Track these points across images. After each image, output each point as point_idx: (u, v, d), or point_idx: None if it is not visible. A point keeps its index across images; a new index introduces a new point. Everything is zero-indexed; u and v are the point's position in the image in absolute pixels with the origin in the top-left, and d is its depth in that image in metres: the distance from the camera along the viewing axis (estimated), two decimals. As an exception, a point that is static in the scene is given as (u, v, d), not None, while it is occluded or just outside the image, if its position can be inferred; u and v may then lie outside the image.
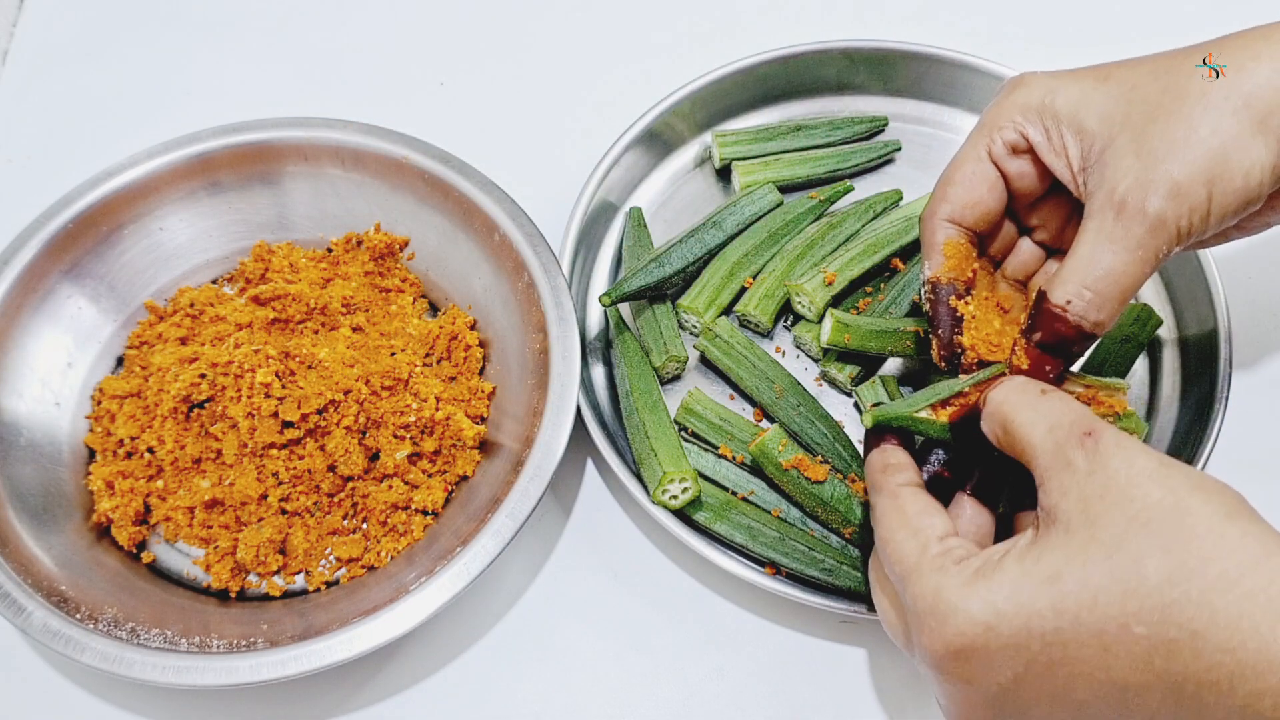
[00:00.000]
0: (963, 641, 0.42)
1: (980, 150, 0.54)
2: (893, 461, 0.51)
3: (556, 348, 0.62)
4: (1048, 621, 0.40)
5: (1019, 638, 0.41)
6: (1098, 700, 0.40)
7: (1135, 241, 0.48)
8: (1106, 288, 0.48)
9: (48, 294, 0.66)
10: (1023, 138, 0.53)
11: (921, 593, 0.44)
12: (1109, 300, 0.49)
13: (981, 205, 0.54)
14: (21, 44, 0.87)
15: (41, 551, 0.59)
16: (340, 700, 0.60)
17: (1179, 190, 0.47)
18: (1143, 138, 0.48)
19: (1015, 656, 0.41)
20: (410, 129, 0.70)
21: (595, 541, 0.65)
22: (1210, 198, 0.47)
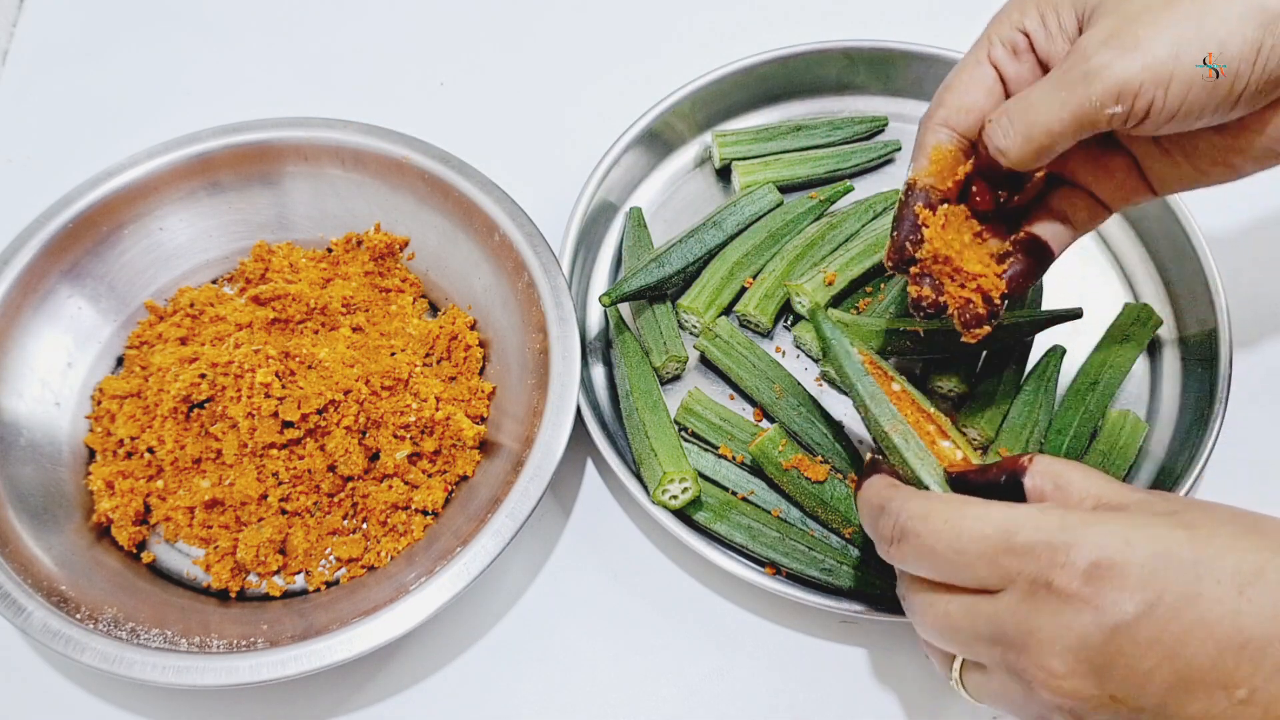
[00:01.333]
0: (1101, 555, 0.40)
1: (980, 54, 0.53)
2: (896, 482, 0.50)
3: (556, 348, 0.62)
4: (1185, 551, 0.39)
5: (1157, 558, 0.39)
6: (1212, 656, 0.38)
7: (1068, 81, 0.47)
8: (1021, 119, 0.48)
9: (48, 294, 0.66)
10: (1021, 34, 0.52)
11: (1045, 525, 0.42)
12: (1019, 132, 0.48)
13: (977, 109, 0.53)
14: (21, 44, 0.87)
15: (41, 551, 0.59)
16: (340, 700, 0.60)
17: (1139, 45, 0.46)
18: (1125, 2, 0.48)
19: (1150, 577, 0.39)
20: (410, 129, 0.70)
21: (595, 541, 0.65)
22: (1174, 59, 0.46)
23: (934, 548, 0.44)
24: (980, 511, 0.44)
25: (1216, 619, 0.38)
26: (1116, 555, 0.40)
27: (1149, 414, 0.68)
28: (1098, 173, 0.56)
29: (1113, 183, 0.56)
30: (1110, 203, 0.56)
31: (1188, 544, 0.39)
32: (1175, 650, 0.39)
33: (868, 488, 0.50)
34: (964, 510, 0.44)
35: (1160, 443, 0.66)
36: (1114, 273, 0.74)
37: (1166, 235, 0.72)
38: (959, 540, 0.43)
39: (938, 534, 0.44)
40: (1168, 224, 0.71)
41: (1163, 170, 0.55)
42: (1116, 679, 0.40)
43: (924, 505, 0.46)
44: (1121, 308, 0.70)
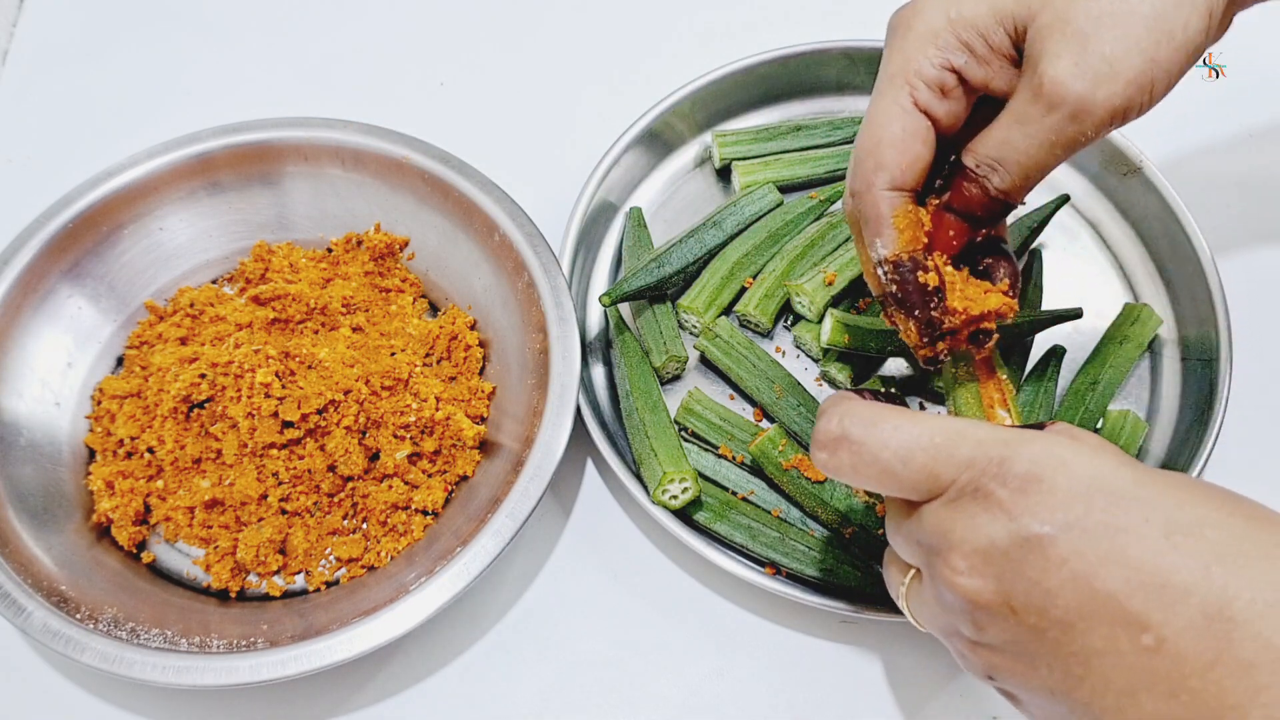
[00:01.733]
0: (1034, 468, 0.39)
1: (904, 102, 0.49)
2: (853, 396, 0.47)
3: (556, 348, 0.62)
4: (1125, 487, 0.38)
5: (1091, 484, 0.38)
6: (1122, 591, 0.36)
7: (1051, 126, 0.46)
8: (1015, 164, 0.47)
9: (48, 294, 0.66)
10: (949, 71, 0.49)
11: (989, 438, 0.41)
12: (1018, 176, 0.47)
13: (920, 162, 0.50)
14: (21, 44, 0.87)
15: (41, 551, 0.59)
16: (340, 700, 0.60)
17: (1113, 70, 0.44)
18: (1067, 12, 0.45)
19: (1077, 502, 0.38)
20: (410, 129, 0.70)
21: (595, 541, 0.65)
22: (1152, 66, 0.44)
23: (878, 455, 0.42)
24: (929, 421, 0.42)
25: (1137, 554, 0.36)
26: (1049, 472, 0.39)
27: (1149, 414, 0.68)
28: None
29: None
30: None
31: (1130, 481, 0.38)
32: (1085, 575, 0.37)
33: (827, 400, 0.47)
34: (914, 418, 0.43)
35: (1160, 443, 0.66)
36: (1114, 273, 0.74)
37: (1166, 235, 0.72)
38: (905, 448, 0.42)
39: (884, 440, 0.42)
40: (1168, 224, 0.71)
41: None
42: (1019, 591, 0.39)
43: (872, 411, 0.43)
44: (1121, 308, 0.70)
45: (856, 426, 0.43)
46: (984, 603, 0.40)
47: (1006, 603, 0.39)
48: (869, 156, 0.50)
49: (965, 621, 0.41)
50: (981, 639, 0.41)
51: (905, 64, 0.49)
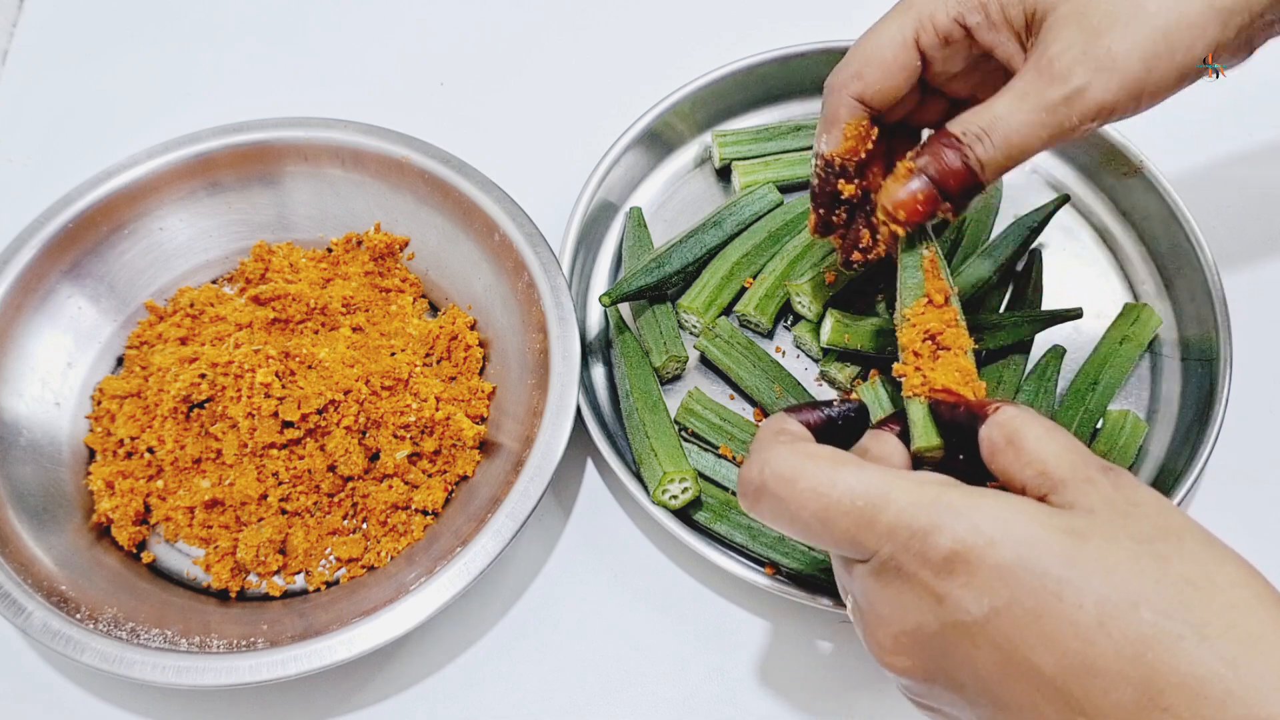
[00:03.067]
0: (959, 548, 0.37)
1: (908, 34, 0.51)
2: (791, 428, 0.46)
3: (556, 348, 0.62)
4: (1055, 567, 0.36)
5: (1019, 566, 0.37)
6: (1056, 676, 0.36)
7: (1046, 104, 0.46)
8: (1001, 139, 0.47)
9: (48, 294, 0.66)
10: (959, 25, 0.51)
11: (916, 502, 0.39)
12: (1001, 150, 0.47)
13: (895, 90, 0.52)
14: (21, 44, 0.87)
15: (41, 551, 0.59)
16: (340, 700, 0.60)
17: (1114, 65, 0.46)
18: (1086, 8, 0.47)
19: (1004, 587, 0.37)
20: (410, 129, 0.70)
21: (595, 541, 0.65)
22: (1147, 74, 0.46)
23: (797, 514, 0.41)
24: (853, 480, 0.41)
25: (1069, 641, 0.36)
26: (975, 550, 0.37)
27: (1149, 414, 0.68)
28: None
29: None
30: None
31: (1064, 556, 0.36)
32: (1015, 657, 0.37)
33: (761, 426, 0.46)
34: (835, 477, 0.41)
35: (1160, 443, 0.66)
36: (1114, 273, 0.74)
37: (1166, 235, 0.72)
38: (825, 511, 0.41)
39: (803, 502, 0.41)
40: (1168, 224, 0.71)
41: None
42: (947, 669, 0.39)
43: (793, 465, 0.42)
44: (1121, 308, 0.70)
45: (775, 481, 0.42)
46: (911, 677, 0.41)
47: (934, 678, 0.40)
48: (854, 64, 0.53)
49: (903, 685, 0.42)
50: (911, 695, 0.42)
51: (926, 3, 0.51)
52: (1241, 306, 0.67)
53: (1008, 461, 0.42)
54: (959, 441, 0.46)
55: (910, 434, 0.48)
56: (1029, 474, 0.41)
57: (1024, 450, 0.41)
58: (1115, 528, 0.37)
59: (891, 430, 0.49)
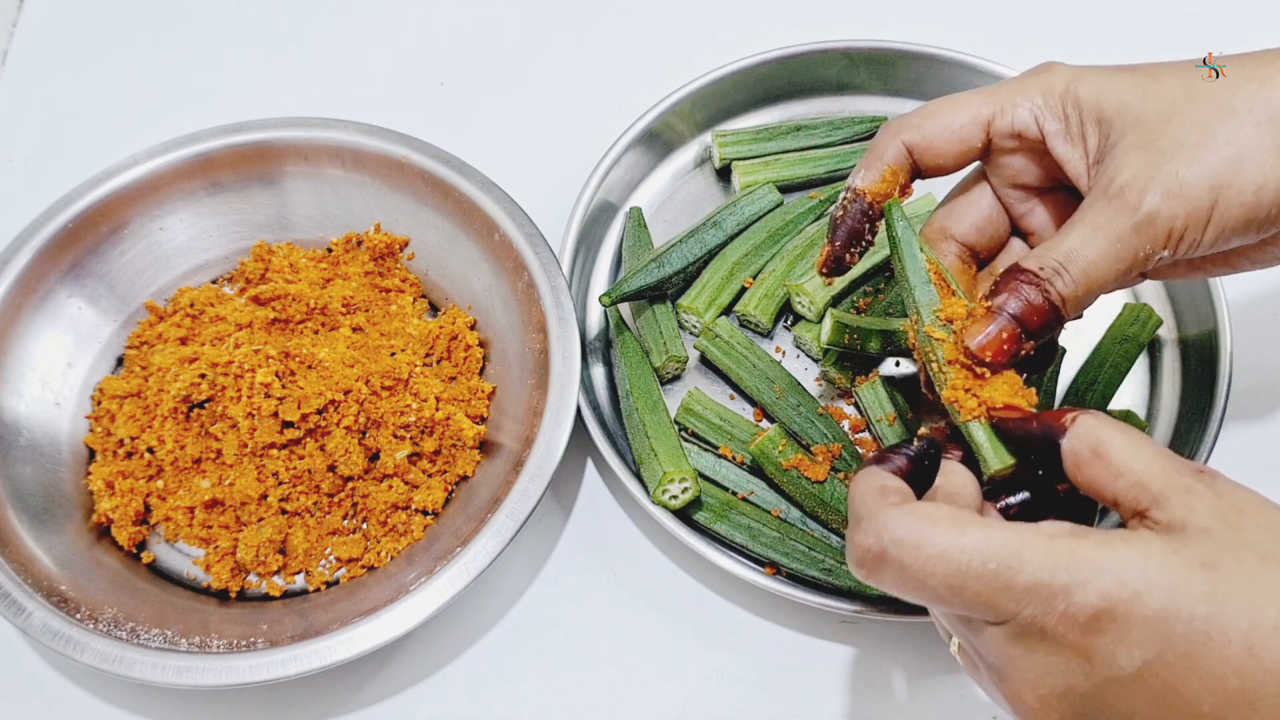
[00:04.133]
0: (1105, 605, 0.37)
1: (981, 113, 0.51)
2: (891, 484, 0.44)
3: (556, 348, 0.62)
4: (1200, 606, 0.36)
5: (1166, 614, 0.36)
6: (1213, 713, 0.36)
7: (1118, 234, 0.46)
8: (1080, 274, 0.46)
9: (48, 294, 0.66)
10: (1035, 125, 0.50)
11: (1053, 562, 0.38)
12: (1081, 285, 0.46)
13: (946, 155, 0.52)
14: (21, 44, 0.87)
15: (41, 551, 0.59)
16: (340, 700, 0.60)
17: (1181, 191, 0.45)
18: (1155, 135, 0.46)
19: (1154, 636, 0.36)
20: (410, 129, 0.70)
21: (595, 541, 0.65)
22: (1214, 205, 0.45)
23: (924, 582, 0.40)
24: (981, 542, 0.39)
25: (1221, 678, 0.36)
26: (1122, 605, 0.37)
27: (1149, 414, 0.68)
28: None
29: None
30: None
31: (1205, 594, 0.36)
32: (1168, 702, 0.37)
33: (856, 484, 0.44)
34: (962, 541, 0.39)
35: (1160, 443, 0.66)
36: (1114, 273, 0.74)
37: (1166, 235, 0.71)
38: (957, 577, 0.39)
39: (929, 569, 0.39)
40: (1168, 224, 0.71)
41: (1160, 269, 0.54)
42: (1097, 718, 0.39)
43: (915, 530, 0.40)
44: (1121, 308, 0.70)
45: (898, 549, 0.40)
46: None
47: None
48: (919, 115, 0.52)
49: None
50: None
51: (1012, 93, 0.51)
52: (1241, 306, 0.67)
53: (1095, 474, 0.41)
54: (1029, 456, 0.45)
55: (979, 457, 0.47)
56: (1122, 486, 0.40)
57: (1113, 462, 0.40)
58: (1235, 545, 0.37)
59: (956, 457, 0.47)
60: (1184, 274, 0.54)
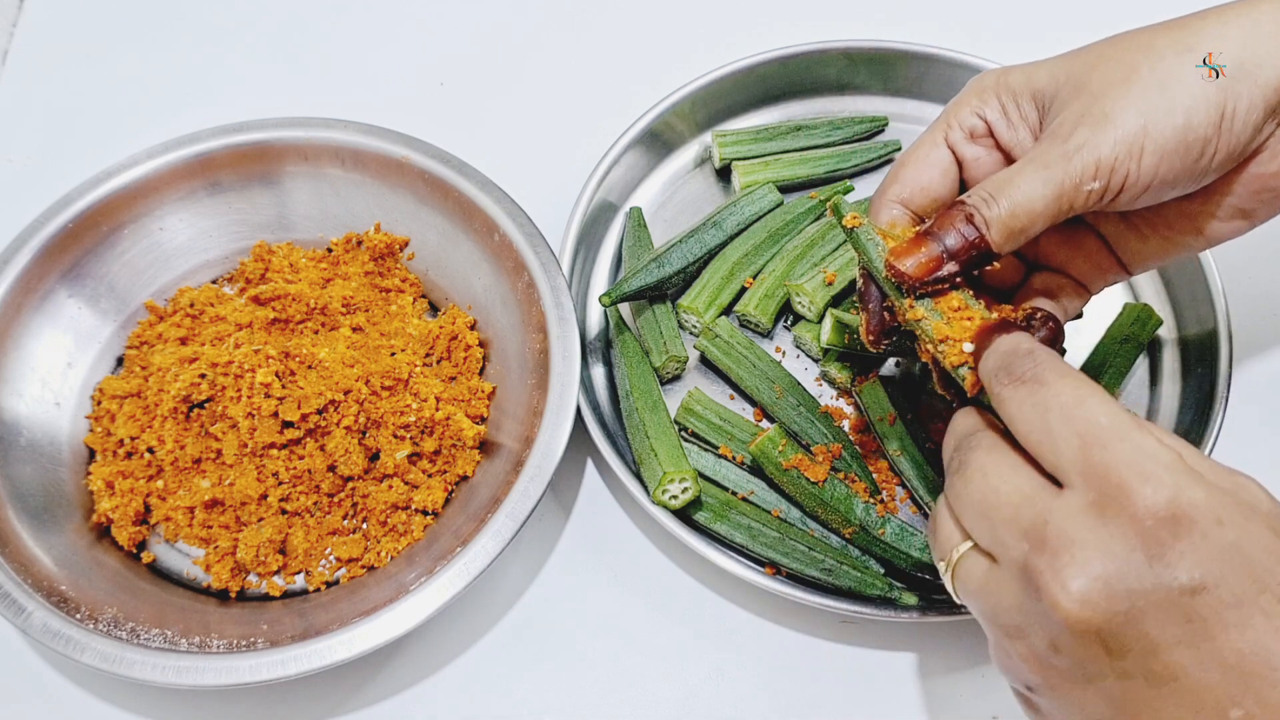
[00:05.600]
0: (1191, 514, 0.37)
1: (937, 136, 0.54)
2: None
3: (556, 348, 0.62)
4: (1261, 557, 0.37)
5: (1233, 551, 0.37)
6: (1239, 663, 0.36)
7: (1047, 163, 0.47)
8: (1005, 197, 0.47)
9: (48, 294, 0.66)
10: (981, 120, 0.53)
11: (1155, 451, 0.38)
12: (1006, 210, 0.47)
13: (932, 189, 0.54)
14: (21, 44, 0.87)
15: (41, 551, 0.59)
16: (340, 700, 0.60)
17: (1110, 119, 0.46)
18: (1085, 82, 0.48)
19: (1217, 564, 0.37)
20: (410, 129, 0.70)
21: (595, 541, 0.65)
22: (1145, 132, 0.46)
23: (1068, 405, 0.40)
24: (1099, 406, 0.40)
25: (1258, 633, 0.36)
26: (1205, 519, 0.37)
27: (1149, 414, 0.68)
28: (1071, 254, 0.56)
29: (1087, 263, 0.56)
30: (1087, 283, 0.56)
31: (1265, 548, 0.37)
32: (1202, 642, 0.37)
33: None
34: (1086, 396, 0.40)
35: (1160, 443, 0.66)
36: (1114, 273, 0.74)
37: (1166, 235, 0.72)
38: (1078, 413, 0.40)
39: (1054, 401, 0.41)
40: (1168, 224, 0.71)
41: (1133, 246, 0.55)
42: (1127, 636, 0.37)
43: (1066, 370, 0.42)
44: (1121, 308, 0.70)
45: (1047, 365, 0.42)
46: (1083, 631, 0.38)
47: (1106, 641, 0.38)
48: (891, 173, 0.55)
49: (1043, 636, 0.39)
50: (1052, 659, 0.40)
51: (948, 111, 0.54)
52: (1241, 306, 0.67)
53: None
54: None
55: None
56: None
57: None
58: None
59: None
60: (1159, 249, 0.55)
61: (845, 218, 0.54)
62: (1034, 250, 0.57)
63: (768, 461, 0.62)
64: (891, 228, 0.53)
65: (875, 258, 0.52)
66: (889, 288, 0.52)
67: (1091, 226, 0.56)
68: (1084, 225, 0.56)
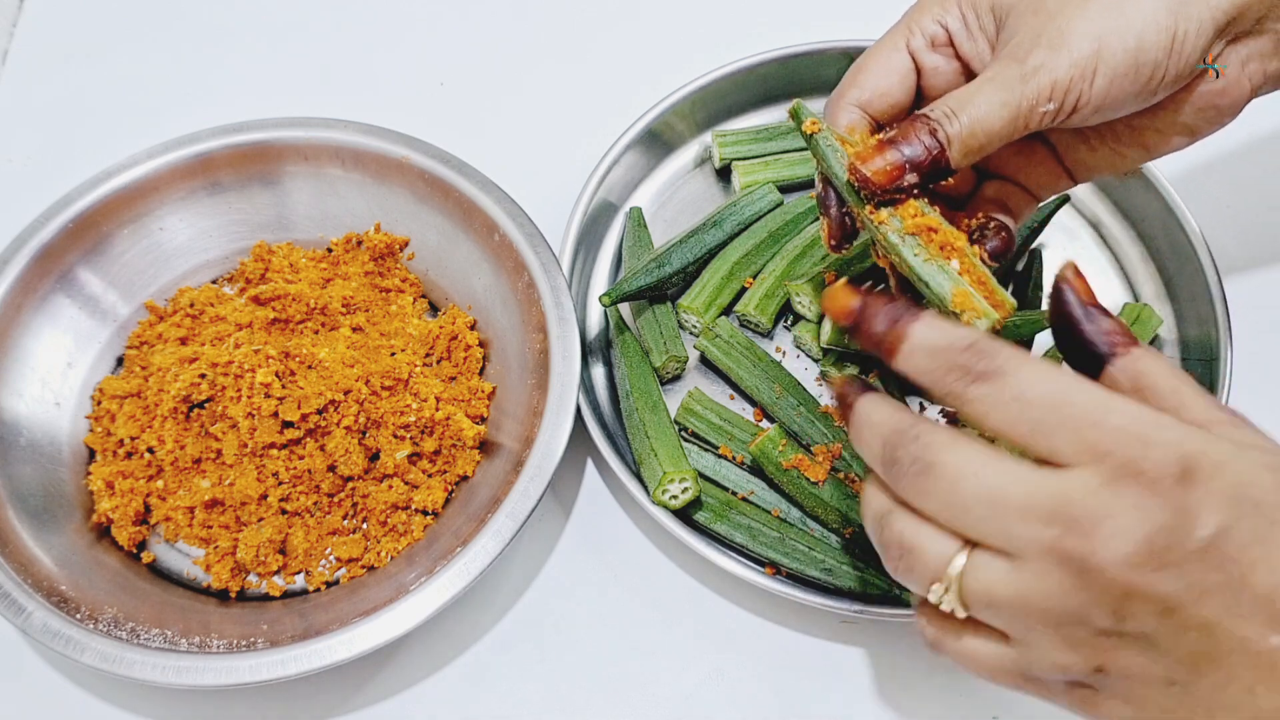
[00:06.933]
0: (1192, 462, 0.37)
1: (898, 41, 0.54)
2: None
3: (556, 348, 0.62)
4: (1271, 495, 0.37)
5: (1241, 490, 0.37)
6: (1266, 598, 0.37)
7: (1005, 83, 0.48)
8: (965, 113, 0.48)
9: (48, 294, 0.66)
10: (942, 28, 0.53)
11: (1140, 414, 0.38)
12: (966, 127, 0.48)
13: (891, 94, 0.54)
14: (21, 44, 0.87)
15: (41, 551, 0.59)
16: (340, 700, 0.60)
17: (1064, 41, 0.47)
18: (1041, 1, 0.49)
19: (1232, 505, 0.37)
20: (410, 129, 0.70)
21: (595, 541, 0.65)
22: (1098, 54, 0.47)
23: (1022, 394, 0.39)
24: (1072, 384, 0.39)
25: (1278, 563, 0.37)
26: (1208, 468, 0.37)
27: (1149, 414, 0.68)
28: (1021, 164, 0.57)
29: (1036, 172, 0.57)
30: (1036, 192, 0.58)
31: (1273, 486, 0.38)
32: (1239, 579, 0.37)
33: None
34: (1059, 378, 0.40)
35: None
36: (1114, 273, 0.74)
37: (1166, 235, 0.72)
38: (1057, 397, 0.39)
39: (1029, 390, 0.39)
40: (1168, 224, 0.71)
41: (1081, 156, 0.57)
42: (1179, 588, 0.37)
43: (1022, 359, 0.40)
44: (1121, 308, 0.70)
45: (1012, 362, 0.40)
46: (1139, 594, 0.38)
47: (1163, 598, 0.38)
48: (849, 75, 0.55)
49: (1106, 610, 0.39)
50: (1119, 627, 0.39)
51: (910, 15, 0.54)
52: (1241, 306, 0.67)
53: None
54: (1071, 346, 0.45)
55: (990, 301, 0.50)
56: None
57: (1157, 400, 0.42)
58: None
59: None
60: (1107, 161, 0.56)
61: (804, 123, 0.54)
62: (986, 160, 0.56)
63: (768, 461, 0.62)
64: (850, 132, 0.54)
65: (835, 164, 0.52)
66: (849, 193, 0.52)
67: (1042, 137, 0.57)
68: (1036, 137, 0.57)
